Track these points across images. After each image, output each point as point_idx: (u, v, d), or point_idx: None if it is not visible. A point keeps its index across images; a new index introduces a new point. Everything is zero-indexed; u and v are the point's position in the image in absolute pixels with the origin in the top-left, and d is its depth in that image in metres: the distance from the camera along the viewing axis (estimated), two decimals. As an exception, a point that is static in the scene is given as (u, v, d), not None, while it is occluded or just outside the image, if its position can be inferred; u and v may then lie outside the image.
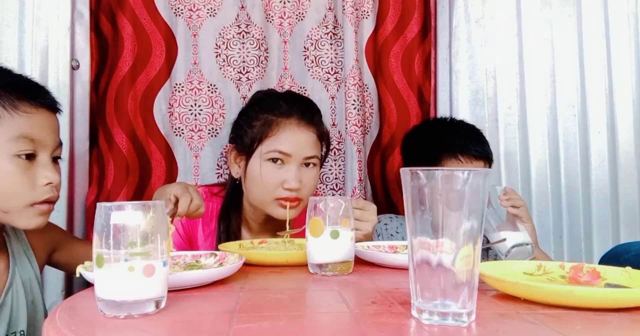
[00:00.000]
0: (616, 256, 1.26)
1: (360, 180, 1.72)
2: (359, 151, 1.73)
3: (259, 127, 1.29)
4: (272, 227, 1.39)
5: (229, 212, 1.38)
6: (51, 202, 1.03)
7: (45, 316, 1.19)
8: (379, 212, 1.76)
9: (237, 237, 1.38)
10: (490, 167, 1.51)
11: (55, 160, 1.06)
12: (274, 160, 1.27)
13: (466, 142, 1.44)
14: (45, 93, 1.06)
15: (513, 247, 1.19)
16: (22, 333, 1.08)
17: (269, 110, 1.31)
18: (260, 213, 1.36)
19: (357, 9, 1.76)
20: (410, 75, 1.84)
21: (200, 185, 1.55)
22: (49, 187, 1.01)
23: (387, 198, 1.83)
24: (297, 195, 1.27)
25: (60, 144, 1.06)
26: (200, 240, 1.39)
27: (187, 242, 1.37)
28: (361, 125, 1.74)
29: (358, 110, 1.73)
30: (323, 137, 1.37)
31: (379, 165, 1.83)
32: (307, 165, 1.30)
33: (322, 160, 1.39)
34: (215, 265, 0.97)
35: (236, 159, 1.36)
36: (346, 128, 1.74)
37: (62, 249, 1.25)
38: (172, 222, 0.98)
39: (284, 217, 1.28)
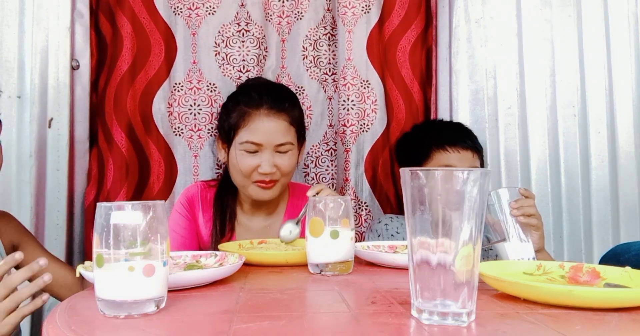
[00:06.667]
0: (616, 256, 1.25)
1: (346, 179, 1.73)
2: (347, 151, 1.74)
3: (233, 119, 1.40)
4: (263, 206, 1.49)
5: (224, 193, 1.48)
6: None
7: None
8: (390, 211, 1.76)
9: (232, 215, 1.47)
10: (480, 159, 1.53)
11: None
12: (249, 150, 1.37)
13: (453, 135, 1.52)
14: None
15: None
16: None
17: (242, 103, 1.40)
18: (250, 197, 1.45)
19: (353, 7, 1.76)
20: (418, 70, 1.82)
21: (199, 180, 1.60)
22: None
23: (397, 196, 1.81)
24: (272, 177, 1.37)
25: None
26: (202, 226, 1.48)
27: (192, 222, 1.47)
28: (352, 125, 1.74)
29: (348, 110, 1.74)
30: (295, 120, 1.42)
31: (389, 161, 1.80)
32: (282, 151, 1.39)
33: (300, 143, 1.46)
34: (215, 265, 0.97)
35: (223, 147, 1.46)
36: (337, 128, 1.76)
37: (21, 249, 1.25)
38: None
39: (262, 199, 1.41)
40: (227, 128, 1.41)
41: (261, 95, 1.39)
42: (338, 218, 0.97)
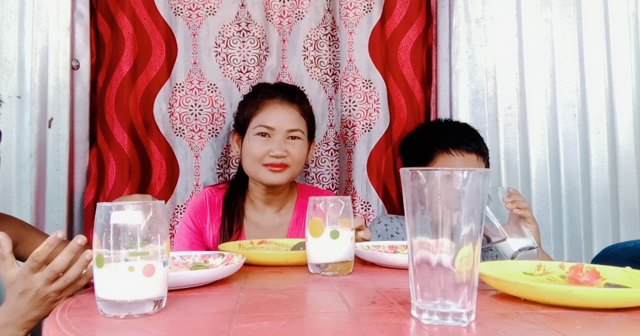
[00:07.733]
0: (604, 253, 1.29)
1: (349, 180, 1.73)
2: (349, 152, 1.75)
3: (248, 110, 1.50)
4: (273, 202, 1.53)
5: (235, 191, 1.53)
6: None
7: None
8: (393, 211, 1.76)
9: (241, 213, 1.51)
10: (485, 161, 1.52)
11: None
12: (262, 134, 1.45)
13: (458, 137, 1.50)
14: None
15: (520, 250, 1.18)
16: None
17: (258, 96, 1.52)
18: (261, 189, 1.50)
19: (355, 7, 1.76)
20: (419, 69, 1.82)
21: (206, 186, 1.62)
22: None
23: (400, 195, 1.80)
24: (282, 161, 1.43)
25: None
26: (209, 229, 1.50)
27: (198, 234, 1.51)
28: (354, 126, 1.75)
29: (350, 112, 1.75)
30: (306, 114, 1.52)
31: (392, 161, 1.79)
32: (292, 138, 1.47)
33: (310, 136, 1.53)
34: (221, 265, 0.96)
35: (237, 141, 1.54)
36: (339, 130, 1.77)
37: (23, 243, 1.25)
38: None
39: (272, 182, 1.45)
40: (242, 120, 1.51)
41: (275, 89, 1.52)
42: (338, 218, 0.97)
